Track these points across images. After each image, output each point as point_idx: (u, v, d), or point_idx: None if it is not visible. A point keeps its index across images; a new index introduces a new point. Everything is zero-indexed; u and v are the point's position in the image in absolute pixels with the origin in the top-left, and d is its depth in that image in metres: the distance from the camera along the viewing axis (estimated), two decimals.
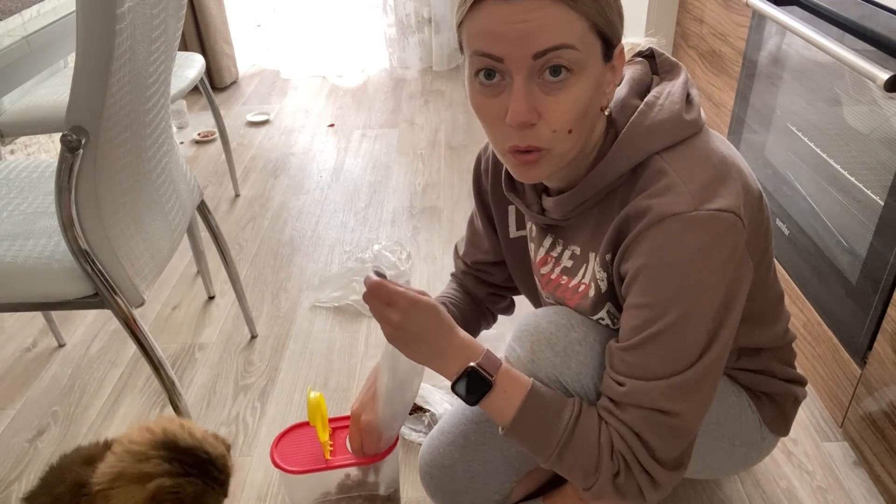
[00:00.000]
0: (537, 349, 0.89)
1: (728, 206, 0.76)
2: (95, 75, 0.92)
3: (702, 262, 0.76)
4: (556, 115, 0.74)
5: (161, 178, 1.23)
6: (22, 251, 1.09)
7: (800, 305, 1.42)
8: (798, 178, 1.42)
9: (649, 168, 0.79)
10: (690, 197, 0.75)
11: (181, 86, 1.92)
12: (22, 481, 1.31)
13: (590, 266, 0.89)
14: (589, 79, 0.74)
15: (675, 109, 0.80)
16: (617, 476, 0.82)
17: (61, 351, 1.65)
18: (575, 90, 0.73)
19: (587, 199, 0.85)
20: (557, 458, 0.83)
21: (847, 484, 1.23)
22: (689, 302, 0.77)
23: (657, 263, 0.77)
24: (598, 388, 0.88)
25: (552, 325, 0.90)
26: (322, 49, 3.37)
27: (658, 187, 0.77)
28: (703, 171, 0.78)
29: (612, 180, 0.82)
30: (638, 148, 0.80)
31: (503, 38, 0.71)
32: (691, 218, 0.75)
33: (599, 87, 0.76)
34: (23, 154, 2.26)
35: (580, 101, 0.74)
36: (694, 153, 0.80)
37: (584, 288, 0.91)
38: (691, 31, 2.04)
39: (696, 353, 0.78)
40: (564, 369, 0.88)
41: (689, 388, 0.79)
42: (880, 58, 1.12)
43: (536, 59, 0.71)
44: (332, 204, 2.27)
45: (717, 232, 0.75)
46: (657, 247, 0.76)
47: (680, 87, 0.83)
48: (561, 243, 0.93)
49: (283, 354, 1.61)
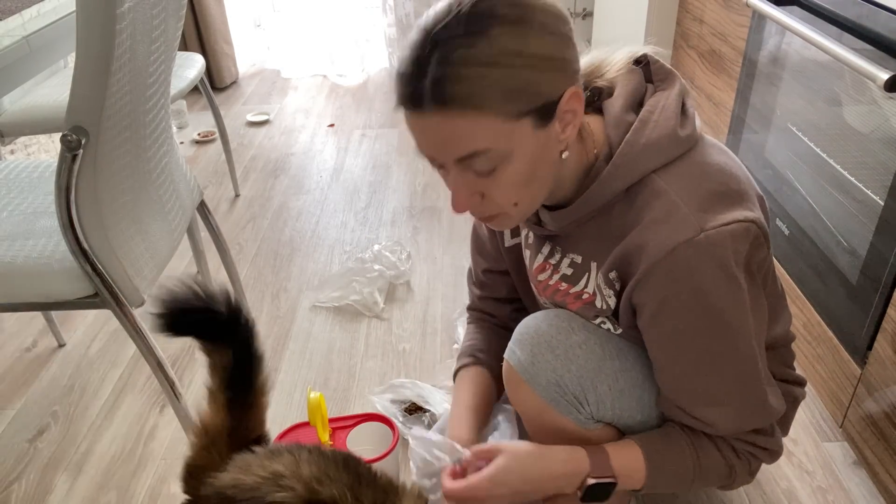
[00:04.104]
0: (537, 352, 0.89)
1: (734, 217, 0.76)
2: (95, 75, 0.92)
3: (723, 275, 0.77)
4: (498, 195, 0.77)
5: (161, 178, 1.23)
6: (22, 251, 1.09)
7: (800, 305, 1.41)
8: (798, 178, 1.42)
9: (647, 187, 0.79)
10: (693, 219, 0.75)
11: (181, 86, 1.92)
12: (22, 481, 1.31)
13: (592, 275, 0.89)
14: (521, 158, 0.75)
15: (670, 126, 0.80)
16: (750, 467, 0.93)
17: (61, 351, 1.65)
18: (507, 174, 0.75)
19: (584, 215, 0.85)
20: (697, 486, 0.92)
21: (847, 484, 1.23)
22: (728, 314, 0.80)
23: (678, 293, 0.78)
24: (598, 392, 0.89)
25: (553, 329, 0.90)
26: (322, 49, 3.37)
27: (659, 212, 0.77)
28: (702, 188, 0.78)
29: (609, 199, 0.82)
30: (634, 168, 0.79)
31: (425, 145, 0.77)
32: (699, 242, 0.75)
33: (544, 152, 0.77)
34: (23, 154, 2.26)
35: (517, 178, 0.76)
36: (691, 169, 0.80)
37: (588, 297, 0.90)
38: (691, 31, 2.04)
39: (751, 350, 0.83)
40: (565, 372, 0.88)
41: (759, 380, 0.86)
42: (880, 58, 1.12)
43: (459, 162, 0.75)
44: (332, 204, 2.27)
45: (727, 244, 0.76)
46: (675, 279, 0.77)
47: (674, 99, 0.82)
48: (560, 251, 0.93)
49: (283, 354, 1.61)
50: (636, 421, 0.92)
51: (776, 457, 0.95)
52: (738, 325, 0.80)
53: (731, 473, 0.91)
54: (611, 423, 0.92)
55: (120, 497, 1.27)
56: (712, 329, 0.80)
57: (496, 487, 0.84)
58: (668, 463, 0.89)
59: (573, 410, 0.89)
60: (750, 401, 0.86)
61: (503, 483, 0.84)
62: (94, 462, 1.35)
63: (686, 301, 0.78)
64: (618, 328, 0.90)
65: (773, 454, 0.94)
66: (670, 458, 0.89)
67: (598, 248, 0.86)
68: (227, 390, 0.84)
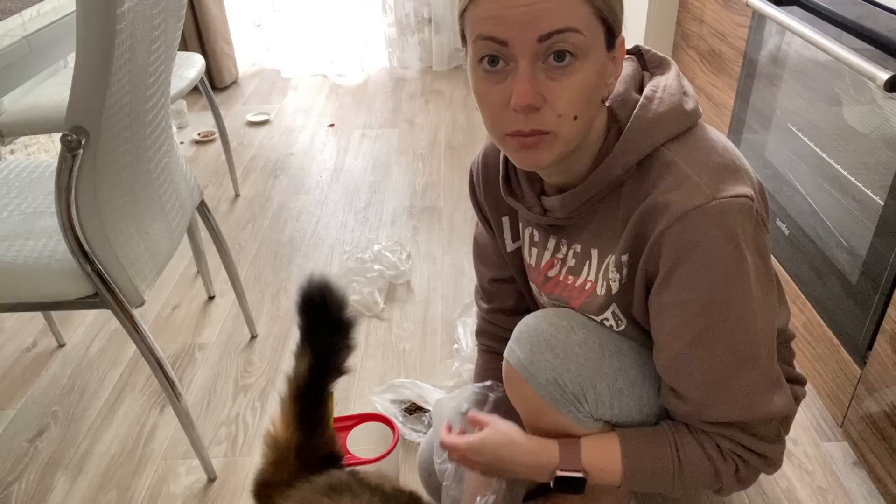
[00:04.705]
0: (537, 351, 0.89)
1: (741, 191, 0.77)
2: (95, 75, 0.92)
3: (731, 248, 0.77)
4: (562, 100, 0.73)
5: (161, 178, 1.23)
6: (22, 251, 1.09)
7: (800, 305, 1.41)
8: (798, 178, 1.42)
9: (658, 160, 0.80)
10: (705, 187, 0.76)
11: (181, 86, 1.92)
12: (22, 481, 1.31)
13: (593, 263, 0.89)
14: (593, 64, 0.73)
15: (675, 101, 0.81)
16: (737, 471, 0.88)
17: (61, 351, 1.65)
18: (580, 75, 0.73)
19: (594, 195, 0.85)
20: (680, 486, 0.89)
21: (847, 484, 1.23)
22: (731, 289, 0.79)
23: (688, 259, 0.78)
24: (597, 391, 0.88)
25: (552, 327, 0.90)
26: (322, 48, 3.37)
27: (671, 181, 0.78)
28: (710, 160, 0.79)
29: (620, 174, 0.82)
30: (644, 140, 0.80)
31: (507, 21, 0.70)
32: (711, 209, 0.76)
33: (602, 75, 0.76)
34: (23, 154, 2.26)
35: (585, 87, 0.74)
36: (699, 143, 0.81)
37: (591, 286, 0.91)
38: (691, 31, 2.04)
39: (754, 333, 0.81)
40: (564, 371, 0.88)
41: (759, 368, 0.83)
42: (880, 58, 1.12)
43: (541, 43, 0.70)
44: (332, 204, 2.27)
45: (737, 216, 0.77)
46: (685, 243, 0.77)
47: (674, 79, 0.84)
48: (564, 244, 0.93)
49: (283, 354, 1.61)
50: (635, 420, 0.92)
51: (773, 466, 0.90)
52: (741, 304, 0.80)
53: (716, 474, 0.88)
54: (609, 421, 0.92)
55: (120, 497, 1.27)
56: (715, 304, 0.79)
57: (472, 454, 0.94)
58: (647, 458, 0.88)
59: (572, 409, 0.89)
60: (743, 387, 0.83)
61: (478, 453, 0.93)
62: (94, 462, 1.35)
63: (693, 271, 0.78)
64: (621, 324, 0.90)
65: (768, 462, 0.89)
66: (649, 453, 0.88)
67: (604, 233, 0.86)
68: (298, 402, 0.79)
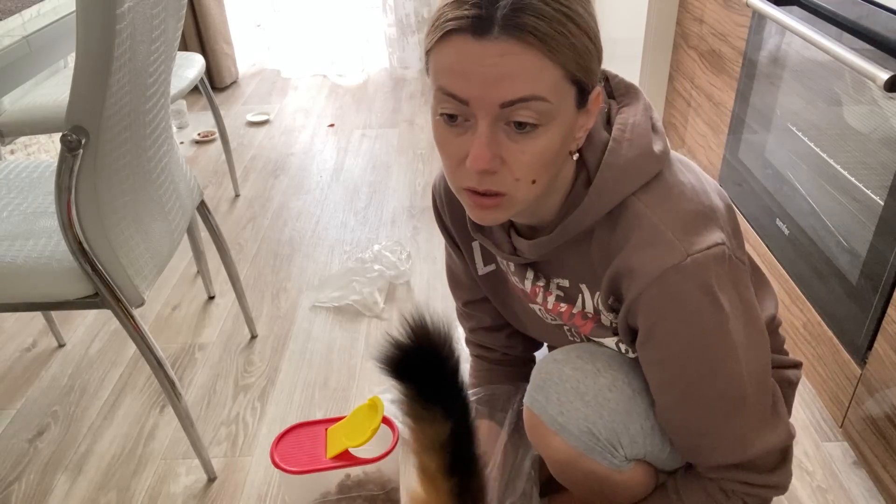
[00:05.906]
0: (565, 401, 0.85)
1: (713, 240, 0.75)
2: (95, 75, 0.92)
3: (707, 302, 0.75)
4: (520, 164, 0.70)
5: (161, 178, 1.23)
6: (22, 251, 1.09)
7: (800, 305, 1.41)
8: (798, 178, 1.42)
9: (628, 210, 0.77)
10: (678, 244, 0.74)
11: (181, 86, 1.92)
12: (22, 481, 1.31)
13: (585, 296, 0.87)
14: (558, 128, 0.70)
15: (645, 143, 0.78)
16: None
17: (61, 351, 1.65)
18: (542, 140, 0.69)
19: (562, 243, 0.83)
20: None
21: (847, 484, 1.23)
22: (711, 341, 0.77)
23: (666, 317, 0.76)
24: (630, 434, 0.87)
25: (578, 372, 0.86)
26: (322, 49, 3.37)
27: (642, 237, 0.75)
28: (681, 209, 0.76)
29: (590, 225, 0.80)
30: (614, 192, 0.77)
31: (470, 80, 0.66)
32: (686, 267, 0.73)
33: (569, 135, 0.72)
34: (23, 154, 2.26)
35: (547, 152, 0.70)
36: (669, 191, 0.78)
37: (593, 315, 0.88)
38: (691, 31, 2.04)
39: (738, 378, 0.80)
40: (597, 419, 0.85)
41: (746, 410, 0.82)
42: (880, 58, 1.12)
43: (503, 109, 0.67)
44: (332, 204, 2.27)
45: (711, 267, 0.74)
46: (662, 303, 0.75)
47: (643, 114, 0.80)
48: (543, 276, 0.91)
49: (283, 354, 1.61)
50: (666, 453, 0.90)
51: (781, 490, 0.88)
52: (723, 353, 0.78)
53: None
54: (643, 458, 0.90)
55: (120, 497, 1.27)
56: (695, 359, 0.78)
57: None
58: None
59: (608, 456, 0.87)
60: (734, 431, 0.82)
61: None
62: (94, 462, 1.35)
63: (672, 330, 0.76)
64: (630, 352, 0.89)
65: (774, 490, 0.88)
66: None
67: (583, 270, 0.84)
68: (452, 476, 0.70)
